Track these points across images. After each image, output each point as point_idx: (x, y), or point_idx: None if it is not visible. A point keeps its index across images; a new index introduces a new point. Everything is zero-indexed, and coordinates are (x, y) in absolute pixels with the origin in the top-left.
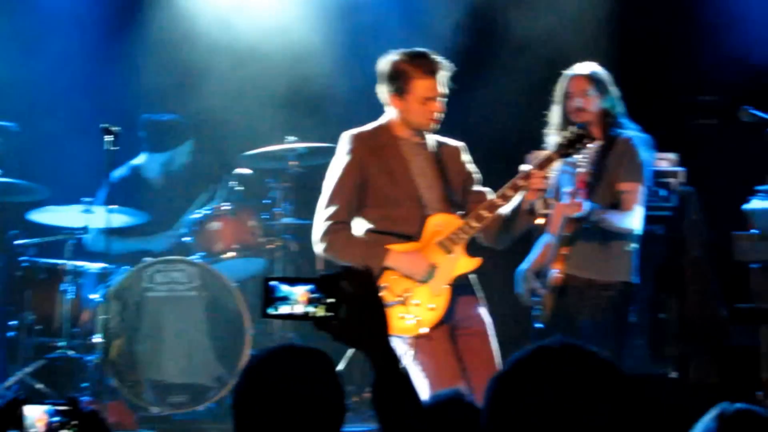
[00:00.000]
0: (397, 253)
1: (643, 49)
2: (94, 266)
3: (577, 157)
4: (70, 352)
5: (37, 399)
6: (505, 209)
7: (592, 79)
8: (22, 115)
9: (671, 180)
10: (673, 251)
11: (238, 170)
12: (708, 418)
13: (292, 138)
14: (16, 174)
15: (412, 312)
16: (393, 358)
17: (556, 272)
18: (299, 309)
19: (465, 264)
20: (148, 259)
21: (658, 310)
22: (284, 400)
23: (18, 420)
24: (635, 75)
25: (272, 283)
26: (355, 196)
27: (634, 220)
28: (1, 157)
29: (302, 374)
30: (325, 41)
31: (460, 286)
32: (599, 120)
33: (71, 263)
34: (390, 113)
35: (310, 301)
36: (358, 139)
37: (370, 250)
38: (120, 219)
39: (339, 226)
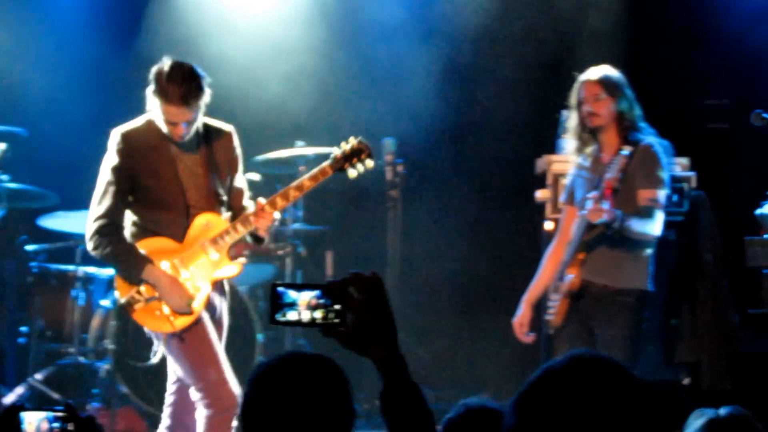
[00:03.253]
0: (158, 272)
1: (653, 52)
2: (105, 272)
3: (606, 162)
4: (81, 358)
5: (36, 406)
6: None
7: (602, 82)
8: (32, 120)
9: (683, 185)
10: (685, 256)
11: (248, 176)
12: (700, 423)
13: (300, 143)
14: (26, 180)
15: (169, 310)
16: (401, 366)
17: (572, 277)
18: (306, 315)
19: (226, 268)
20: None
21: (670, 315)
22: (292, 408)
23: (17, 427)
24: (645, 78)
25: (280, 289)
26: (124, 195)
27: (655, 226)
28: (11, 164)
29: (310, 382)
30: (333, 42)
31: (215, 284)
32: (615, 124)
33: (82, 269)
34: None
35: (318, 308)
36: (126, 139)
37: (131, 260)
38: None
39: (107, 228)
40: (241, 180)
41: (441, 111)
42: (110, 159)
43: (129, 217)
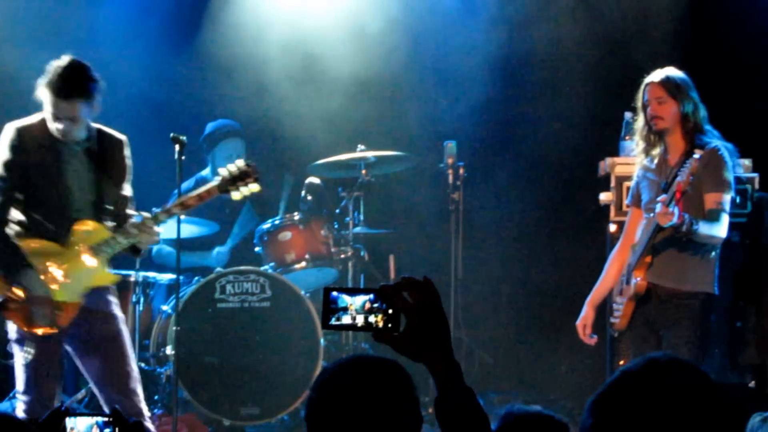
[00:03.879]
0: (35, 279)
1: (716, 53)
2: (164, 277)
3: (671, 165)
4: (142, 364)
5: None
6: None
7: (665, 85)
8: None
9: (747, 186)
10: (750, 258)
11: (309, 179)
12: None
13: (362, 147)
14: None
15: (36, 316)
16: (455, 371)
17: (638, 280)
18: (360, 320)
19: (102, 277)
20: (220, 270)
21: (735, 318)
22: (358, 412)
23: (62, 431)
24: (708, 80)
25: (333, 293)
26: (13, 191)
27: (722, 229)
28: None
29: (375, 386)
30: (396, 46)
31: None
32: (679, 126)
33: (141, 274)
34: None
35: (371, 312)
36: (20, 135)
37: (13, 260)
38: (190, 230)
39: None
40: (127, 189)
41: (503, 114)
42: (2, 153)
43: (16, 215)
